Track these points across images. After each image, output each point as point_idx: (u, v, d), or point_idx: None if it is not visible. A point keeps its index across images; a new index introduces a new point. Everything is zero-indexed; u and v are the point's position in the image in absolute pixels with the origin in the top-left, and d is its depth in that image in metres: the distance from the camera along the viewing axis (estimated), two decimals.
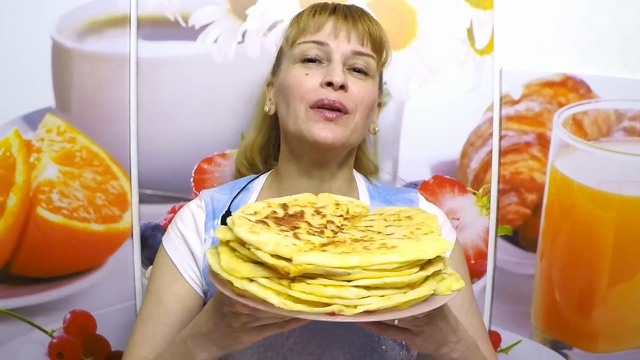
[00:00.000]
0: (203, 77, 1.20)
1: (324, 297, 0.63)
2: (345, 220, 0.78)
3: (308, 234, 0.71)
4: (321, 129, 0.90)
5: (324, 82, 0.90)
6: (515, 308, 1.30)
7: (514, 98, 1.26)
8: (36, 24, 1.17)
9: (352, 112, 0.92)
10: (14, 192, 1.18)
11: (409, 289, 0.66)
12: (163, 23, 1.18)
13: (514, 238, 1.29)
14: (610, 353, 1.31)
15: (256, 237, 0.65)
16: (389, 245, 0.67)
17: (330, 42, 0.92)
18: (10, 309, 1.20)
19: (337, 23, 0.93)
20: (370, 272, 0.64)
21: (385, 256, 0.64)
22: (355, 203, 0.84)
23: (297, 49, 0.93)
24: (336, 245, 0.68)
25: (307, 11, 0.96)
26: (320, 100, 0.90)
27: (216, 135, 1.20)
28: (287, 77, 0.94)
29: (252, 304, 0.65)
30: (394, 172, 1.25)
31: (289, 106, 0.93)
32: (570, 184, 1.27)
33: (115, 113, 1.19)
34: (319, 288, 0.63)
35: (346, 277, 0.64)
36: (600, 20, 1.27)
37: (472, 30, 1.24)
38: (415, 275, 0.65)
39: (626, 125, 1.28)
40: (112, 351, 1.23)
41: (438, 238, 0.69)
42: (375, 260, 0.63)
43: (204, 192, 1.01)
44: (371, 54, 0.94)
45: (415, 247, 0.66)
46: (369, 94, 0.94)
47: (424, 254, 0.65)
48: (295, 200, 0.80)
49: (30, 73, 1.17)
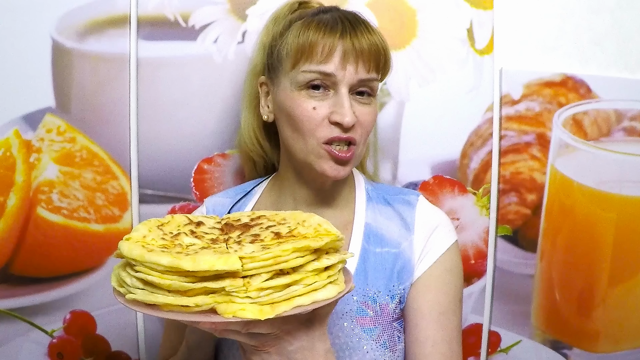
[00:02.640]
0: (203, 77, 1.20)
1: (120, 279, 0.72)
2: (275, 236, 0.76)
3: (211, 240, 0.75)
4: (332, 168, 0.90)
5: (333, 120, 0.89)
6: (515, 308, 1.30)
7: (514, 98, 1.26)
8: (36, 24, 1.17)
9: (358, 142, 0.91)
10: (14, 192, 1.18)
11: (179, 295, 0.68)
12: (163, 23, 1.18)
13: (514, 238, 1.29)
14: (610, 353, 1.31)
15: (135, 226, 0.75)
16: (199, 254, 0.69)
17: (337, 72, 0.88)
18: (10, 309, 1.20)
19: (346, 52, 0.88)
20: (145, 269, 0.68)
21: (157, 257, 0.67)
22: (321, 228, 0.78)
23: (302, 76, 0.89)
24: (180, 248, 0.72)
25: (314, 29, 0.90)
26: (331, 138, 0.89)
27: (216, 135, 1.20)
28: (293, 107, 0.90)
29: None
30: (394, 172, 1.25)
31: (298, 137, 0.91)
32: (570, 184, 1.27)
33: (115, 113, 1.19)
34: (121, 271, 0.72)
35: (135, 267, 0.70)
36: (601, 20, 1.27)
37: (472, 30, 1.24)
38: (177, 283, 0.67)
39: (626, 125, 1.28)
40: (112, 351, 1.23)
41: (226, 256, 0.67)
42: (147, 258, 0.68)
43: (207, 200, 1.02)
44: (375, 77, 0.92)
45: (194, 257, 0.67)
46: (373, 118, 0.93)
47: (190, 265, 0.66)
48: (275, 215, 0.81)
49: (30, 73, 1.17)
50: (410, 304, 0.93)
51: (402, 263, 0.94)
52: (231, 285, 0.67)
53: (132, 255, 0.69)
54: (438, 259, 0.95)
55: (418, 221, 0.96)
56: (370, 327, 0.91)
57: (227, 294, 0.67)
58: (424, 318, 0.92)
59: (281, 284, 0.69)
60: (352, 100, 0.90)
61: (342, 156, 0.89)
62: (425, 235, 0.95)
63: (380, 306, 0.92)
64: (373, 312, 0.91)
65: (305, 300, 0.70)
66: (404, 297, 0.93)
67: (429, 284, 0.94)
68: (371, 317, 0.91)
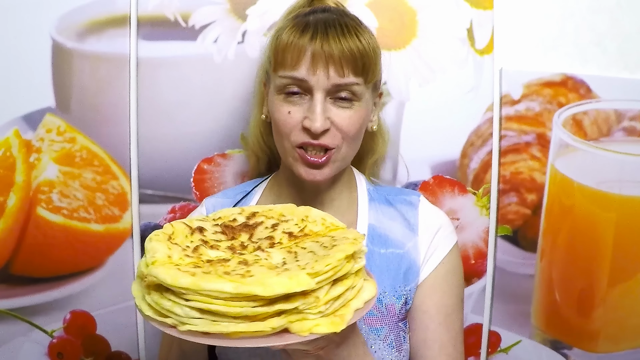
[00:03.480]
0: (203, 77, 1.20)
1: (162, 309, 0.66)
2: (292, 237, 0.77)
3: (229, 248, 0.74)
4: (307, 172, 0.90)
5: (305, 126, 0.88)
6: (515, 308, 1.30)
7: (514, 98, 1.26)
8: (36, 24, 1.17)
9: (338, 146, 0.90)
10: (14, 192, 1.18)
11: (247, 320, 0.65)
12: (163, 23, 1.18)
13: (514, 238, 1.29)
14: (610, 353, 1.31)
15: (149, 244, 0.70)
16: (252, 272, 0.66)
17: (309, 77, 0.88)
18: (10, 309, 1.20)
19: (315, 55, 0.87)
20: (203, 297, 0.64)
21: (217, 284, 0.63)
22: (327, 221, 0.80)
23: (279, 81, 0.90)
24: (219, 264, 0.69)
25: (287, 31, 0.90)
26: (303, 143, 0.89)
27: (216, 135, 1.20)
28: (273, 110, 0.92)
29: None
30: (394, 172, 1.25)
31: (278, 140, 0.93)
32: (570, 184, 1.27)
33: (115, 113, 1.19)
34: (161, 300, 0.66)
35: (184, 295, 0.65)
36: (601, 20, 1.27)
37: (472, 30, 1.24)
38: (248, 309, 0.64)
39: (626, 125, 1.28)
40: (112, 351, 1.23)
41: (295, 275, 0.65)
42: (205, 287, 0.63)
43: (207, 200, 1.01)
44: (354, 81, 0.89)
45: (262, 280, 0.64)
46: (355, 121, 0.91)
47: (262, 290, 0.63)
48: (269, 211, 0.81)
49: (30, 73, 1.17)
50: (418, 305, 0.94)
51: (407, 264, 0.94)
52: (304, 303, 0.65)
53: (180, 284, 0.64)
54: (442, 260, 0.95)
55: (422, 222, 0.97)
56: (377, 327, 0.91)
57: (300, 312, 0.66)
58: (432, 320, 0.93)
59: (340, 292, 0.69)
60: (331, 105, 0.89)
61: (314, 161, 0.89)
62: (429, 237, 0.96)
63: (387, 307, 0.92)
64: (379, 312, 0.92)
65: (358, 303, 0.70)
66: (410, 298, 0.94)
67: (434, 285, 0.94)
68: (377, 317, 0.92)
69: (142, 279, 0.70)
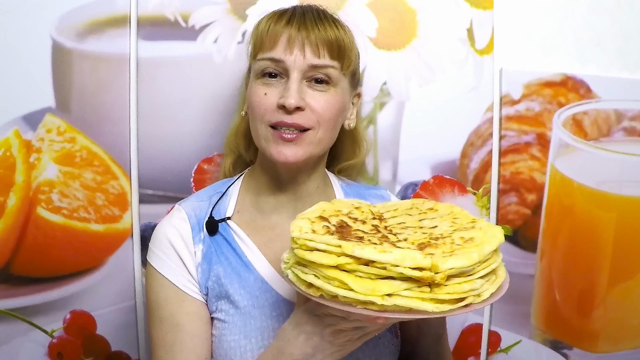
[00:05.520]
0: (203, 77, 1.20)
1: (463, 293, 0.71)
2: (380, 221, 0.82)
3: (388, 241, 0.76)
4: (280, 150, 0.90)
5: (279, 103, 0.90)
6: (515, 308, 1.30)
7: (514, 98, 1.26)
8: (36, 24, 1.17)
9: (314, 127, 0.91)
10: (14, 192, 1.18)
11: (493, 275, 0.75)
12: (163, 23, 1.18)
13: (514, 238, 1.29)
14: (610, 353, 1.31)
15: (390, 255, 0.70)
16: (466, 237, 0.75)
17: (286, 58, 0.90)
18: (10, 309, 1.20)
19: (291, 36, 0.90)
20: (483, 264, 0.73)
21: (484, 247, 0.73)
22: (364, 203, 0.87)
23: (257, 65, 0.92)
24: (434, 246, 0.74)
25: (265, 20, 0.94)
26: (277, 122, 0.90)
27: (216, 135, 1.20)
28: (251, 94, 0.93)
29: (399, 315, 0.71)
30: (394, 172, 1.25)
31: (253, 124, 0.94)
32: (570, 184, 1.27)
33: (115, 113, 1.19)
34: (457, 287, 0.71)
35: (470, 272, 0.72)
36: (601, 20, 1.27)
37: (472, 30, 1.24)
38: (498, 262, 0.76)
39: (626, 125, 1.28)
40: (112, 351, 1.23)
41: (489, 224, 0.79)
42: (486, 251, 0.72)
43: (183, 204, 0.98)
44: (330, 64, 0.91)
45: (489, 234, 0.75)
46: (331, 106, 0.92)
47: (500, 239, 0.76)
48: (323, 212, 0.82)
49: (30, 73, 1.17)
50: None
51: None
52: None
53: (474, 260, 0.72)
54: None
55: None
56: None
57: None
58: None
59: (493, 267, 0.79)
60: (307, 87, 0.91)
61: (287, 137, 0.90)
62: None
63: None
64: None
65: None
66: None
67: None
68: None
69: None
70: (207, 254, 0.93)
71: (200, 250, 0.93)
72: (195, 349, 0.90)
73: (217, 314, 0.92)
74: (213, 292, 0.92)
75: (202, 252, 0.93)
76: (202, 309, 0.92)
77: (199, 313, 0.92)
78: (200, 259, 0.93)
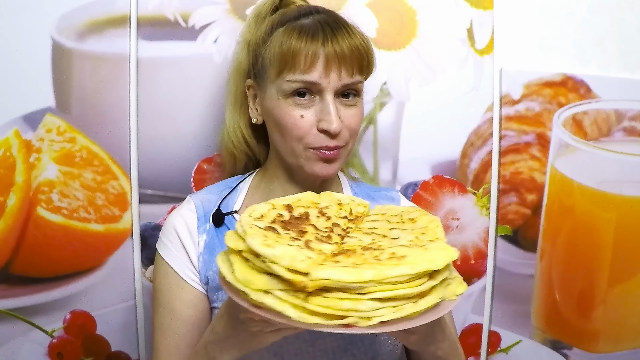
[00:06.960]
0: (203, 77, 1.20)
1: (340, 310, 0.64)
2: (349, 221, 0.79)
3: (317, 240, 0.72)
4: (322, 167, 0.92)
5: (321, 128, 0.90)
6: (515, 308, 1.30)
7: (514, 98, 1.26)
8: (36, 24, 1.17)
9: (348, 142, 0.93)
10: (14, 192, 1.18)
11: (419, 298, 0.67)
12: (163, 23, 1.18)
13: (514, 238, 1.29)
14: (610, 353, 1.31)
15: (271, 250, 0.66)
16: (398, 254, 0.67)
17: (322, 81, 0.89)
18: (10, 309, 1.20)
19: (328, 60, 0.89)
20: (383, 285, 0.65)
21: (398, 268, 0.65)
22: (356, 202, 0.85)
23: (287, 85, 0.90)
24: (348, 255, 0.68)
25: (296, 37, 0.90)
26: (321, 147, 0.91)
27: (216, 135, 1.20)
28: (281, 114, 0.92)
29: (269, 315, 0.66)
30: (394, 172, 1.25)
31: (286, 142, 0.93)
32: (570, 184, 1.27)
33: (115, 113, 1.19)
34: (335, 302, 0.64)
35: (360, 290, 0.64)
36: (601, 20, 1.27)
37: (472, 30, 1.24)
38: (426, 285, 0.67)
39: (626, 125, 1.28)
40: (112, 351, 1.23)
41: (445, 247, 0.70)
42: (389, 274, 0.64)
43: (193, 196, 1.00)
44: (359, 80, 0.92)
45: (425, 257, 0.67)
46: (360, 119, 0.94)
47: (434, 264, 0.66)
48: (298, 201, 0.80)
49: (30, 73, 1.17)
50: None
51: None
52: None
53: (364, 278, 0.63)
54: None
55: None
56: None
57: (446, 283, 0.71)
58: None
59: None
60: (338, 103, 0.91)
61: (329, 154, 0.91)
62: None
63: None
64: None
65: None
66: None
67: None
68: None
69: (298, 291, 0.65)
70: (209, 245, 0.94)
71: (204, 241, 0.95)
72: (186, 336, 0.92)
73: (217, 303, 0.93)
74: (213, 282, 0.93)
75: (204, 242, 0.95)
76: (200, 298, 0.94)
77: (194, 301, 0.93)
78: (202, 249, 0.94)
